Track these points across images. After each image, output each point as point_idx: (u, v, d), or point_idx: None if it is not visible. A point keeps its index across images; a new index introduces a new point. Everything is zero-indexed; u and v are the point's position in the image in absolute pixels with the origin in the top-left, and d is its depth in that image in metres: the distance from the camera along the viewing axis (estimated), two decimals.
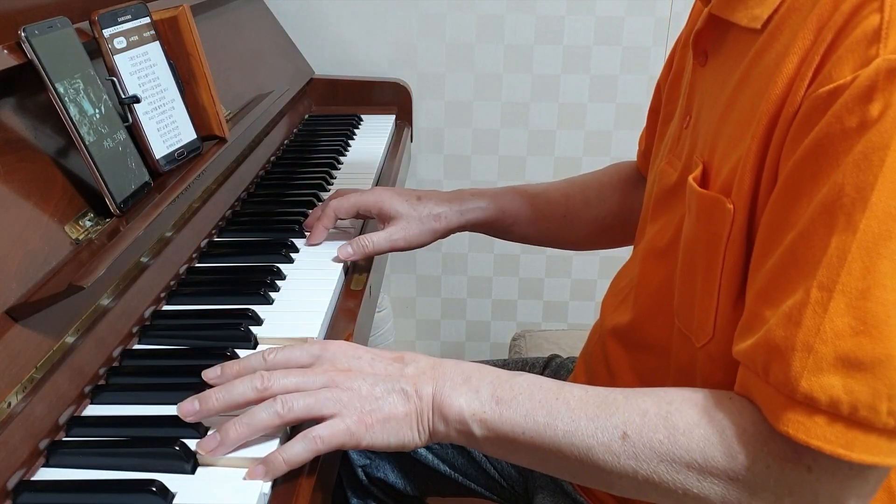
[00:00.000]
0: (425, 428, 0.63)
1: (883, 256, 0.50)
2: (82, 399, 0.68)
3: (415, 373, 0.64)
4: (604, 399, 0.60)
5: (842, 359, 0.51)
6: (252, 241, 1.00)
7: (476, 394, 0.62)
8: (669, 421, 0.57)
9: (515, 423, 0.60)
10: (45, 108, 0.75)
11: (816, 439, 0.52)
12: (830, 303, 0.51)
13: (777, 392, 0.53)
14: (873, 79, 0.50)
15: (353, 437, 0.61)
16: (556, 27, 1.66)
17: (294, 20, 1.65)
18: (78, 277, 0.65)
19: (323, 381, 0.62)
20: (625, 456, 0.57)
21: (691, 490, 0.56)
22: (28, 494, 0.57)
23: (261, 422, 0.61)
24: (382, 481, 1.06)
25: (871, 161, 0.50)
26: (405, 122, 1.64)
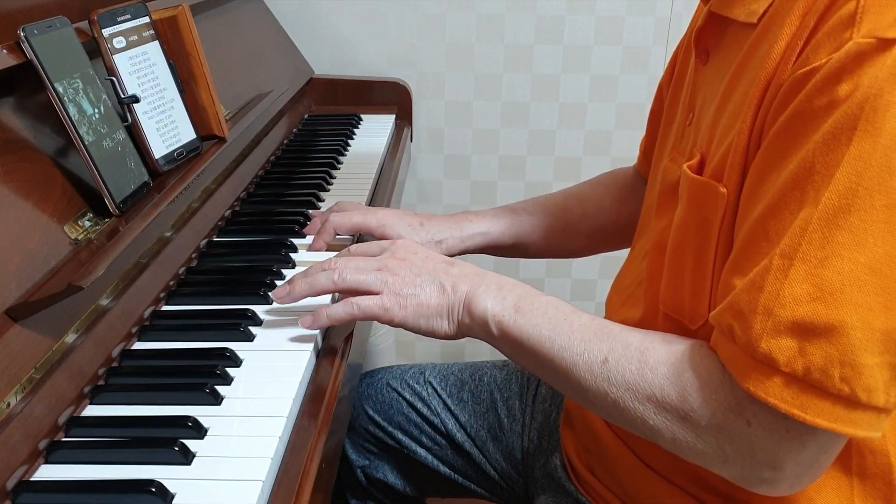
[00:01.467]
0: (454, 320, 0.72)
1: (841, 228, 0.52)
2: (82, 399, 0.68)
3: (458, 273, 0.74)
4: (601, 327, 0.66)
5: (798, 323, 0.53)
6: (251, 241, 1.00)
7: (502, 300, 0.70)
8: (644, 356, 0.62)
9: (524, 331, 0.68)
10: (45, 108, 0.74)
11: (774, 398, 0.54)
12: (791, 270, 0.54)
13: (741, 352, 0.56)
14: (843, 61, 0.53)
15: (386, 313, 0.72)
16: (556, 27, 1.66)
17: (294, 20, 1.65)
18: (77, 277, 0.65)
19: (378, 264, 0.75)
20: (601, 378, 0.64)
21: (648, 421, 0.62)
22: (27, 494, 0.57)
23: (319, 284, 0.75)
24: (381, 482, 1.07)
25: (840, 140, 0.52)
26: (405, 122, 1.64)
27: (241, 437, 0.64)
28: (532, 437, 0.97)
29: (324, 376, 0.75)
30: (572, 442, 0.88)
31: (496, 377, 1.04)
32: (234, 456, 0.62)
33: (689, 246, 0.67)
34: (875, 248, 0.52)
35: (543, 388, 1.01)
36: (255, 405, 0.68)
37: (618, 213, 1.02)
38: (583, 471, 0.85)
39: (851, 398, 0.53)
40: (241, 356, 0.74)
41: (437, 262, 0.75)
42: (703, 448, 0.60)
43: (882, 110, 0.51)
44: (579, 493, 0.85)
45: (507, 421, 1.00)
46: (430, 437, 1.03)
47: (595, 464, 0.83)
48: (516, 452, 0.98)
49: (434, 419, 1.02)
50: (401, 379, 1.06)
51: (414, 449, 1.03)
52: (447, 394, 1.03)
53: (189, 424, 0.64)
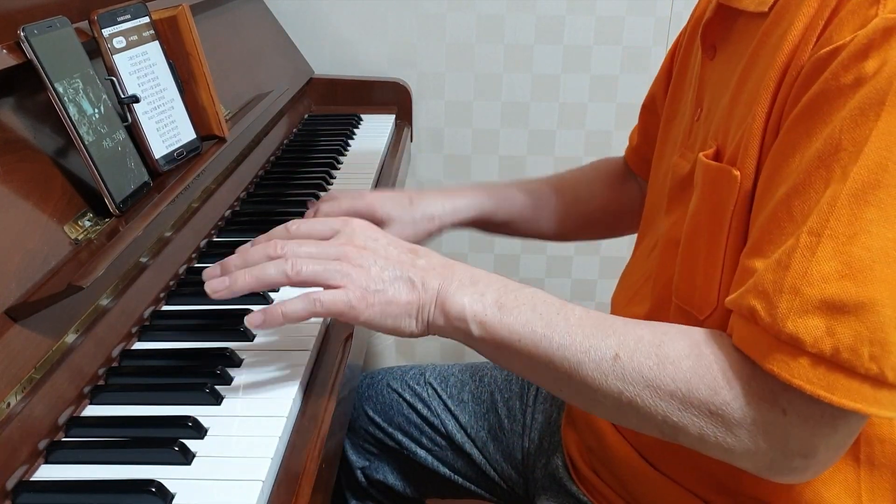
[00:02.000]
0: (424, 319, 0.65)
1: (870, 204, 0.51)
2: (81, 399, 0.68)
3: (426, 266, 0.66)
4: (603, 321, 0.62)
5: (827, 302, 0.52)
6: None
7: (481, 296, 0.64)
8: (661, 349, 0.58)
9: (513, 329, 0.62)
10: (45, 108, 0.74)
11: (799, 379, 0.52)
12: (818, 247, 0.52)
13: (764, 332, 0.54)
14: (870, 37, 0.52)
15: (352, 311, 0.64)
16: (556, 27, 1.66)
17: (294, 20, 1.65)
18: (77, 277, 0.65)
19: (336, 253, 0.65)
20: (613, 376, 0.59)
21: (671, 418, 0.58)
22: (27, 494, 0.57)
23: (268, 276, 0.64)
24: (381, 483, 1.06)
25: (868, 116, 0.51)
26: (405, 122, 1.64)
27: (241, 437, 0.64)
28: (533, 437, 0.97)
29: (324, 376, 0.75)
30: (575, 442, 0.88)
31: (496, 378, 1.04)
32: (234, 456, 0.62)
33: (702, 234, 0.66)
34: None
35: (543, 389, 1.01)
36: (255, 405, 0.68)
37: (608, 200, 1.02)
38: (586, 471, 0.85)
39: (879, 377, 0.51)
40: (241, 356, 0.74)
41: (402, 250, 0.68)
42: (732, 442, 0.57)
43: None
44: (581, 493, 0.85)
45: (507, 422, 1.00)
46: (431, 437, 1.03)
47: (598, 464, 0.83)
48: (517, 453, 0.98)
49: (434, 420, 1.02)
50: (401, 380, 1.06)
51: (414, 450, 1.03)
52: (447, 395, 1.03)
53: (189, 424, 0.64)
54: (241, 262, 0.66)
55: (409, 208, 0.96)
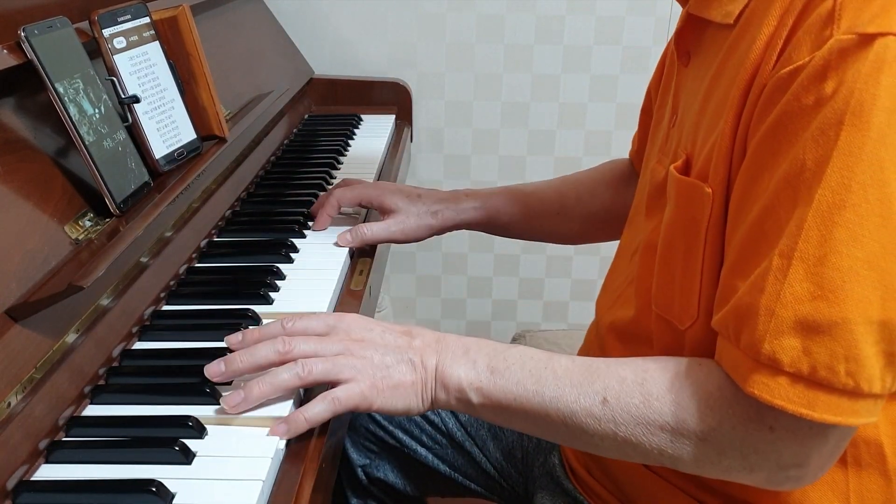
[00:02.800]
0: (428, 396, 0.68)
1: (838, 224, 0.53)
2: (82, 399, 0.68)
3: (421, 345, 0.69)
4: (587, 367, 0.65)
5: (801, 322, 0.54)
6: (252, 241, 1.00)
7: (473, 364, 0.67)
8: (645, 387, 0.61)
9: (508, 390, 0.66)
10: (45, 108, 0.74)
11: (780, 399, 0.55)
12: (790, 269, 0.54)
13: (744, 355, 0.56)
14: (827, 58, 0.53)
15: (366, 400, 0.67)
16: (556, 27, 1.66)
17: (294, 20, 1.65)
18: (78, 277, 0.65)
19: (339, 348, 0.68)
20: (605, 419, 0.62)
21: (666, 450, 0.61)
22: (27, 494, 0.57)
23: (283, 382, 0.66)
24: (382, 481, 1.06)
25: (828, 136, 0.53)
26: (405, 122, 1.64)
27: (241, 437, 0.64)
28: (532, 436, 0.97)
29: None
30: None
31: None
32: (234, 456, 0.62)
33: (678, 246, 0.67)
34: (871, 242, 0.52)
35: None
36: None
37: (611, 201, 1.03)
38: (580, 470, 0.85)
39: (856, 391, 0.54)
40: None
41: (396, 335, 0.70)
42: (728, 464, 0.60)
43: (868, 104, 0.52)
44: (577, 491, 0.85)
45: None
46: (431, 436, 1.03)
47: (592, 463, 0.83)
48: (516, 451, 0.98)
49: (434, 418, 1.02)
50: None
51: (414, 448, 1.03)
52: None
53: (189, 424, 0.64)
54: (251, 360, 0.67)
55: (415, 202, 1.01)
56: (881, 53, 0.52)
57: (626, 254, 0.84)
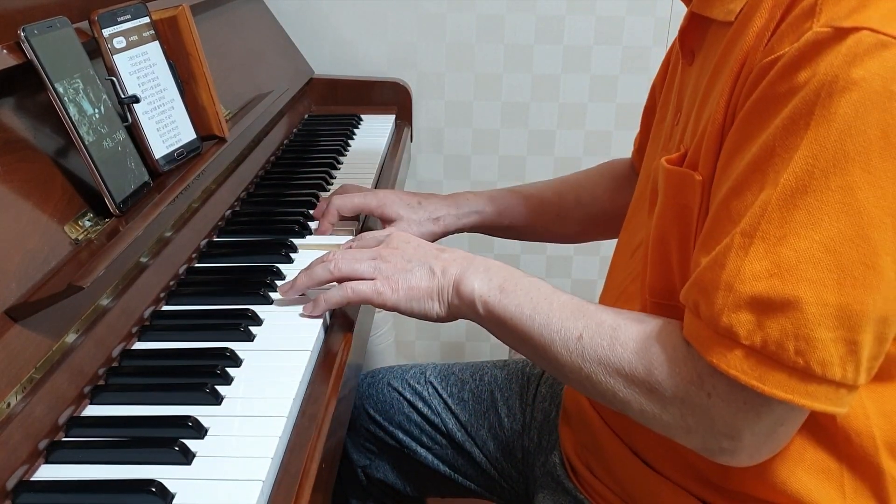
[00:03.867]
0: (445, 301, 0.75)
1: (799, 208, 0.55)
2: (82, 399, 0.68)
3: (448, 258, 0.77)
4: (579, 306, 0.69)
5: (756, 298, 0.56)
6: (251, 241, 1.00)
7: (489, 281, 0.73)
8: (615, 333, 0.65)
9: (507, 309, 0.71)
10: (45, 108, 0.74)
11: (735, 370, 0.57)
12: (751, 248, 0.57)
13: (705, 326, 0.59)
14: (802, 50, 0.56)
15: (379, 296, 0.76)
16: (556, 27, 1.66)
17: (294, 20, 1.65)
18: (77, 277, 0.65)
19: (372, 254, 0.79)
20: (575, 353, 0.67)
21: (618, 394, 0.65)
22: (27, 495, 0.57)
23: (317, 275, 0.79)
24: (382, 482, 1.07)
25: (798, 125, 0.55)
26: (405, 122, 1.64)
27: (241, 437, 0.64)
28: (532, 436, 0.97)
29: (324, 376, 0.75)
30: (570, 439, 0.88)
31: (497, 377, 1.04)
32: (234, 456, 0.62)
33: (673, 235, 0.68)
34: (830, 227, 0.54)
35: (543, 387, 1.01)
36: (255, 405, 0.68)
37: (611, 203, 1.05)
38: (581, 468, 0.85)
39: (806, 370, 0.55)
40: (242, 356, 0.74)
41: (429, 248, 0.79)
42: (668, 419, 0.63)
43: (836, 96, 0.54)
44: (578, 490, 0.85)
45: (507, 420, 1.00)
46: (431, 436, 1.03)
47: (593, 461, 0.84)
48: (517, 452, 0.98)
49: (434, 419, 1.02)
50: (401, 379, 1.06)
51: (414, 448, 1.03)
52: (447, 393, 1.04)
53: (189, 424, 0.64)
54: (305, 269, 0.81)
55: (417, 209, 1.02)
56: (853, 47, 0.54)
57: (627, 251, 0.84)
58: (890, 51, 0.53)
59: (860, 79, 0.53)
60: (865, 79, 0.53)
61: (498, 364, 1.07)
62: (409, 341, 1.94)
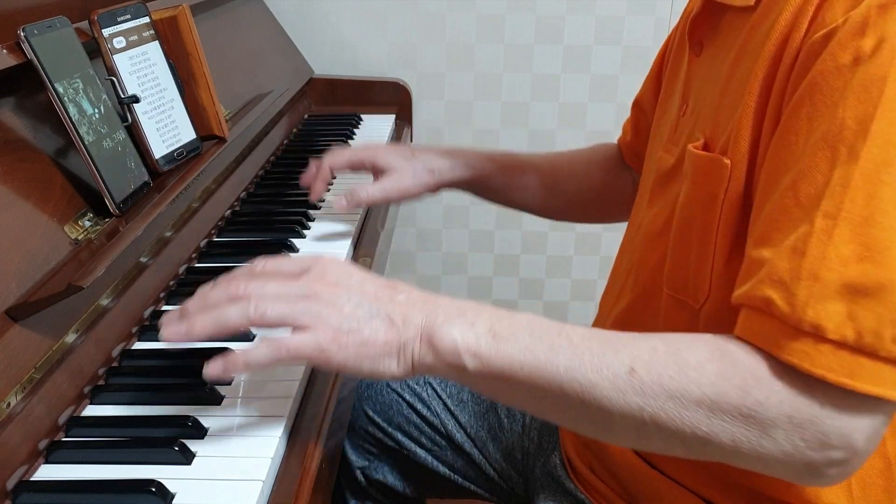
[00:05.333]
0: (408, 359, 0.59)
1: (885, 183, 0.50)
2: (82, 399, 0.68)
3: (406, 301, 0.60)
4: (608, 337, 0.57)
5: (847, 285, 0.51)
6: (251, 241, 1.00)
7: (472, 326, 0.58)
8: (680, 357, 0.55)
9: (514, 357, 0.57)
10: (45, 108, 0.74)
11: (821, 368, 0.51)
12: (835, 230, 0.51)
13: (781, 324, 0.52)
14: (865, 15, 0.52)
15: (322, 354, 0.57)
16: (556, 27, 1.66)
17: (294, 20, 1.65)
18: (77, 277, 0.65)
19: (304, 291, 0.59)
20: (632, 392, 0.54)
21: (699, 428, 0.54)
22: (27, 494, 0.57)
23: (228, 318, 0.57)
24: (381, 483, 1.06)
25: (871, 93, 0.51)
26: (405, 122, 1.64)
27: (241, 437, 0.64)
28: (532, 436, 0.97)
29: (324, 377, 0.75)
30: (571, 440, 0.88)
31: None
32: (234, 456, 0.62)
33: (696, 223, 0.66)
34: None
35: None
36: (255, 405, 0.68)
37: (601, 182, 1.05)
38: (582, 469, 0.85)
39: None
40: None
41: (379, 286, 0.61)
42: (768, 446, 0.53)
43: None
44: (579, 491, 0.85)
45: (507, 421, 1.00)
46: (430, 437, 1.03)
47: (595, 461, 0.83)
48: (516, 453, 0.98)
49: (434, 420, 1.02)
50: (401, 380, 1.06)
51: (414, 450, 1.03)
52: (447, 394, 1.03)
53: (189, 424, 0.64)
54: (201, 304, 0.59)
55: (410, 160, 0.99)
56: None
57: (628, 249, 0.84)
58: None
59: None
60: None
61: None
62: None
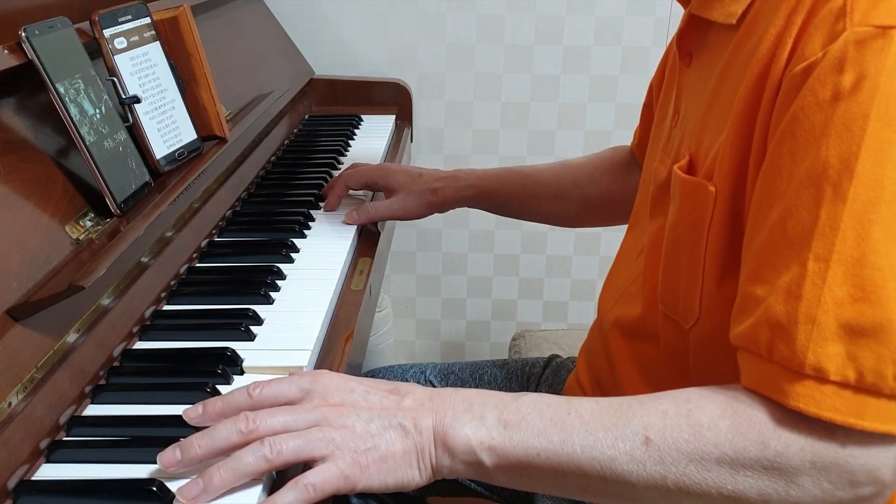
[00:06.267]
0: (427, 464, 0.59)
1: (874, 223, 0.51)
2: (83, 399, 0.68)
3: (413, 405, 0.60)
4: (618, 406, 0.57)
5: (844, 327, 0.51)
6: (252, 240, 1.00)
7: (481, 420, 0.58)
8: (692, 418, 0.55)
9: (529, 445, 0.57)
10: (46, 108, 0.75)
11: (828, 410, 0.51)
12: (828, 273, 0.52)
13: (783, 369, 0.53)
14: (843, 50, 0.52)
15: (347, 482, 0.57)
16: (556, 27, 1.66)
17: (294, 20, 1.65)
18: (78, 277, 0.65)
19: (313, 418, 0.58)
20: (651, 462, 0.55)
21: (725, 487, 0.54)
22: (28, 494, 0.57)
23: (247, 466, 0.56)
24: None
25: (853, 131, 0.51)
26: (405, 122, 1.64)
27: None
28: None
29: None
30: None
31: (497, 376, 1.04)
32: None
33: (684, 246, 0.66)
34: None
35: (543, 386, 1.01)
36: None
37: (608, 188, 1.05)
38: None
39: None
40: (242, 356, 0.74)
41: (383, 394, 0.61)
42: (797, 494, 0.53)
43: (892, 97, 0.51)
44: None
45: None
46: None
47: None
48: None
49: None
50: (401, 378, 1.06)
51: None
52: None
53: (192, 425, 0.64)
54: (210, 444, 0.57)
55: (417, 180, 1.06)
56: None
57: (632, 253, 0.84)
58: None
59: None
60: None
61: (498, 363, 1.07)
62: (409, 341, 1.94)
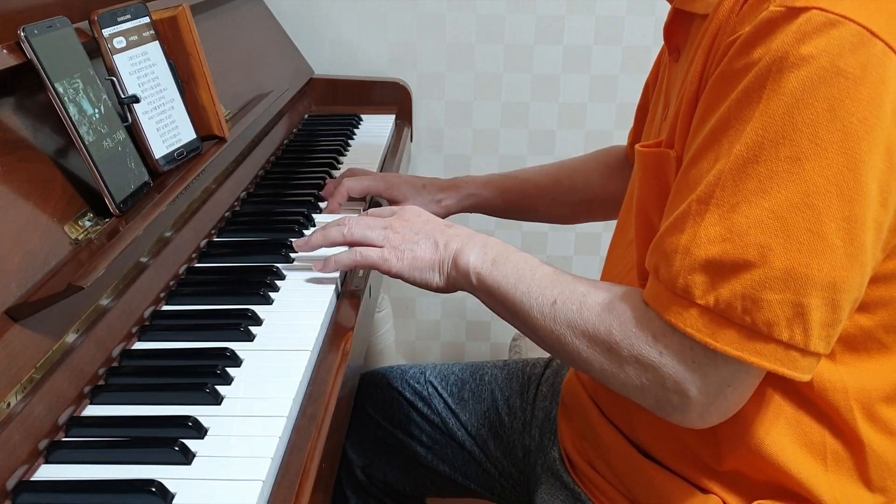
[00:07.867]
0: (444, 273, 0.80)
1: (750, 177, 0.59)
2: (82, 399, 0.68)
3: (452, 233, 0.81)
4: (558, 276, 0.74)
5: (710, 261, 0.60)
6: (252, 241, 1.00)
7: (483, 255, 0.78)
8: (585, 298, 0.70)
9: (496, 281, 0.76)
10: (45, 108, 0.75)
11: (690, 328, 0.61)
12: (706, 214, 0.61)
13: (664, 287, 0.63)
14: (758, 28, 0.59)
15: (385, 263, 0.81)
16: (556, 27, 1.66)
17: (294, 20, 1.65)
18: (77, 277, 0.65)
19: (384, 223, 0.84)
20: (549, 318, 0.71)
21: (581, 354, 0.69)
22: (27, 495, 0.57)
23: (331, 235, 0.85)
24: (382, 481, 1.07)
25: (751, 99, 0.59)
26: (405, 122, 1.64)
27: (241, 437, 0.64)
28: (533, 434, 0.97)
29: (324, 376, 0.75)
30: (569, 433, 0.88)
31: (497, 376, 1.04)
32: (234, 456, 0.62)
33: (655, 216, 0.71)
34: (778, 195, 0.58)
35: (544, 386, 1.01)
36: (255, 405, 0.68)
37: (604, 188, 1.11)
38: (580, 462, 0.85)
39: (753, 329, 0.59)
40: (242, 356, 0.74)
41: (437, 223, 0.83)
42: (623, 378, 0.67)
43: (787, 72, 0.57)
44: (576, 484, 0.86)
45: (507, 419, 1.00)
46: (431, 436, 1.03)
47: (592, 453, 0.84)
48: (517, 451, 0.99)
49: (435, 418, 1.02)
50: (401, 379, 1.06)
51: (414, 448, 1.03)
52: (448, 393, 1.04)
53: (189, 424, 0.64)
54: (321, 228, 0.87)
55: (420, 191, 1.11)
56: (803, 25, 0.57)
57: (622, 243, 0.86)
58: (837, 29, 0.56)
59: (809, 55, 0.57)
60: (814, 55, 0.56)
61: (498, 364, 1.07)
62: (409, 341, 1.94)
